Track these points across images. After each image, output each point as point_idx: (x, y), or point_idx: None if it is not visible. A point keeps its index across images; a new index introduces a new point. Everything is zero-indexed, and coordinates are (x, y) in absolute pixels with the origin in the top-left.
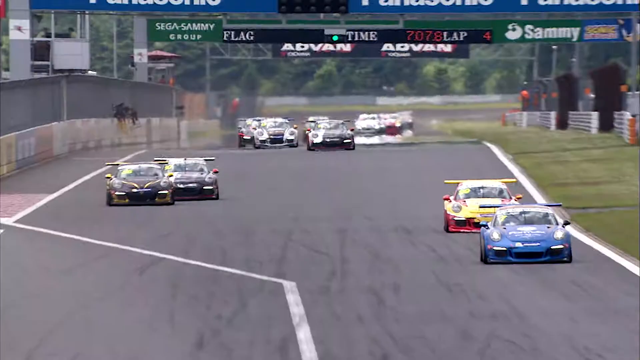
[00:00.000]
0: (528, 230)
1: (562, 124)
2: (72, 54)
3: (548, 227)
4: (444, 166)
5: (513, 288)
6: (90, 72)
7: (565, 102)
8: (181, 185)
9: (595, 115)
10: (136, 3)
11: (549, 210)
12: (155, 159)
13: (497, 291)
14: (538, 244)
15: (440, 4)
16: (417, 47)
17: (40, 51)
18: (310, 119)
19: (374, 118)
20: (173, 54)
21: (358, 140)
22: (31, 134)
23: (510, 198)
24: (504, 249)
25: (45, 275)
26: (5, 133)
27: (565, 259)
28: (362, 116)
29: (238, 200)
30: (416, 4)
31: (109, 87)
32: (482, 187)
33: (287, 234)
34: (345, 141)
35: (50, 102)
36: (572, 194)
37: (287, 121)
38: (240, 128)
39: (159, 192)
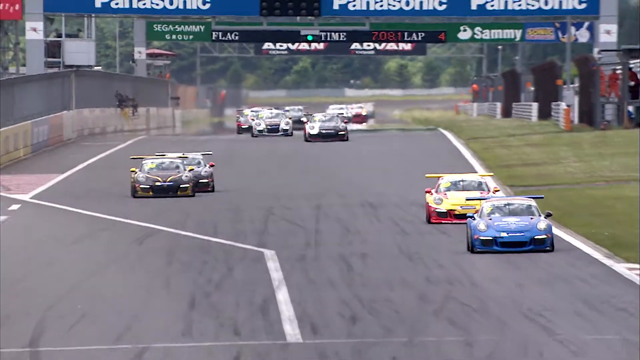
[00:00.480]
0: (513, 221)
1: (506, 113)
2: (80, 51)
3: (531, 218)
4: (407, 150)
5: (468, 258)
6: (95, 67)
7: (510, 94)
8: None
9: (535, 105)
10: (136, 7)
11: (532, 202)
12: (157, 153)
13: (453, 260)
14: (522, 234)
15: (401, 8)
16: (380, 46)
17: (52, 49)
18: (287, 108)
19: (342, 108)
20: (169, 52)
21: None
22: (44, 122)
23: (489, 191)
24: (490, 238)
25: (56, 245)
26: (22, 121)
27: (547, 248)
28: (331, 106)
29: (228, 180)
30: (380, 8)
31: (113, 81)
32: (462, 181)
33: (269, 210)
34: (339, 133)
35: (60, 93)
36: (515, 174)
37: (282, 112)
38: (239, 118)
39: (181, 185)
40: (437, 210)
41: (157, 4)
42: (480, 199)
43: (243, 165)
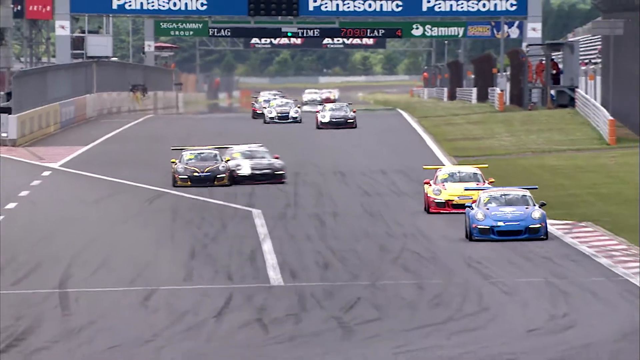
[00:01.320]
0: (509, 211)
1: (451, 96)
2: (99, 45)
3: (526, 208)
4: (370, 126)
5: (422, 217)
6: (112, 58)
7: (454, 81)
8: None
9: (474, 90)
10: (146, 8)
11: (527, 193)
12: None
13: (409, 219)
14: (518, 223)
15: (365, 9)
16: (348, 41)
17: (77, 43)
18: (262, 93)
19: (315, 92)
20: (173, 45)
21: (305, 108)
22: (71, 103)
23: (484, 181)
24: (488, 227)
25: (80, 205)
26: (53, 102)
27: (542, 236)
28: (307, 91)
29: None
30: (348, 9)
31: (126, 69)
32: (459, 172)
33: None
34: (349, 121)
35: (84, 80)
36: (459, 146)
37: (292, 101)
38: (254, 104)
39: (218, 175)
40: (435, 200)
41: (163, 6)
42: (477, 189)
43: (234, 140)
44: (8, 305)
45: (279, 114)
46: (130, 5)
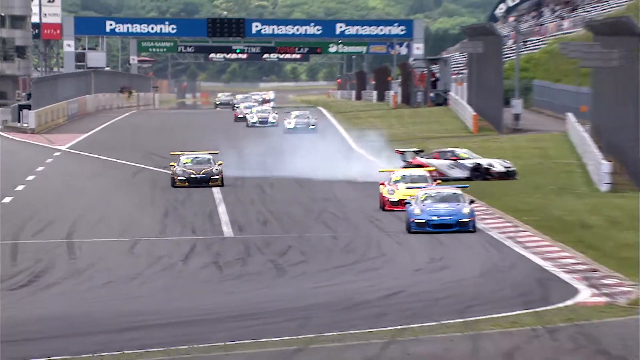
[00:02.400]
0: (442, 207)
1: (358, 97)
2: (96, 58)
3: (458, 204)
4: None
5: (338, 185)
6: (106, 68)
7: (360, 85)
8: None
9: (375, 93)
10: (131, 31)
11: (459, 191)
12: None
13: (329, 187)
14: (450, 217)
15: (293, 33)
16: (281, 56)
17: (79, 57)
18: (219, 95)
19: (257, 95)
20: (151, 59)
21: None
22: (75, 101)
23: (433, 182)
24: (424, 221)
25: (82, 177)
26: (61, 100)
27: (470, 229)
28: (251, 94)
29: (189, 138)
30: (281, 32)
31: (116, 76)
32: (410, 175)
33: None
34: (311, 127)
35: (84, 84)
36: (364, 134)
37: (271, 108)
38: (236, 109)
39: (212, 177)
40: (390, 199)
41: (143, 29)
42: (419, 188)
43: (198, 130)
44: (29, 251)
45: (260, 119)
46: (119, 29)
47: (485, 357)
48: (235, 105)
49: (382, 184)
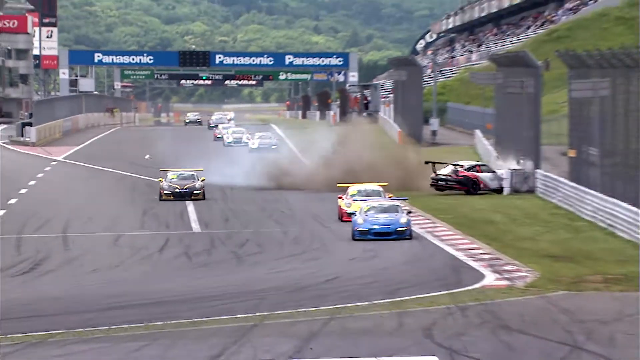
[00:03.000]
0: (382, 217)
1: (304, 116)
2: (86, 84)
3: (396, 214)
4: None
5: (291, 193)
6: (94, 92)
7: (306, 106)
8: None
9: (317, 113)
10: (115, 62)
11: (398, 203)
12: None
13: (277, 192)
14: (389, 226)
15: (250, 63)
16: (240, 82)
17: (72, 83)
18: (188, 114)
19: (220, 115)
20: (132, 84)
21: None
22: (69, 119)
23: (385, 196)
24: (366, 229)
25: (75, 181)
26: (57, 119)
27: (407, 237)
28: (215, 113)
29: (166, 150)
30: (240, 62)
31: (103, 99)
32: (365, 190)
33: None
34: (272, 147)
35: (77, 105)
36: (309, 146)
37: (244, 130)
38: (214, 129)
39: (194, 191)
40: (347, 211)
41: (125, 60)
42: (364, 200)
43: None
44: (30, 244)
45: (235, 139)
46: (105, 60)
47: (408, 330)
48: (212, 125)
49: (340, 197)
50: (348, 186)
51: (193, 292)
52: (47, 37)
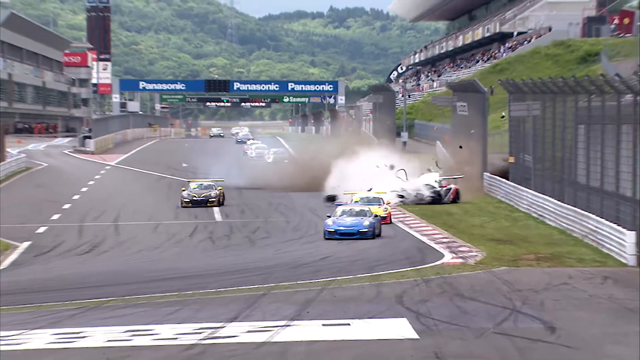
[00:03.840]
0: (349, 220)
1: (302, 130)
2: (133, 106)
3: (362, 218)
4: (267, 142)
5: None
6: (139, 112)
7: (304, 123)
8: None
9: (313, 128)
10: (156, 89)
11: (367, 208)
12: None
13: (282, 191)
14: (352, 228)
15: (260, 89)
16: (253, 104)
17: (122, 105)
18: (212, 129)
19: (237, 128)
20: (168, 106)
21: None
22: (119, 133)
23: (384, 203)
24: (333, 230)
25: (123, 182)
26: (110, 133)
27: (369, 237)
28: (233, 128)
29: (191, 156)
30: (253, 89)
31: (146, 117)
32: (367, 197)
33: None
34: (285, 161)
35: (126, 122)
36: (308, 157)
37: (266, 146)
38: (242, 143)
39: (210, 199)
40: None
41: (163, 87)
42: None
43: (196, 149)
44: (89, 230)
45: (257, 155)
46: (147, 87)
47: (384, 298)
48: (239, 140)
49: (345, 202)
50: (353, 194)
51: (216, 268)
52: (103, 69)
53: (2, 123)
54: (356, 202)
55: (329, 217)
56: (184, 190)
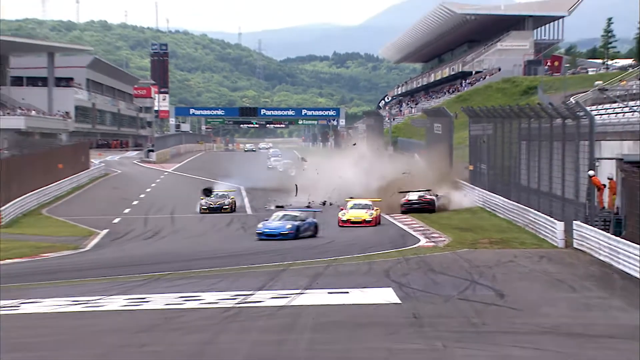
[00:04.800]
0: (275, 224)
1: (313, 145)
2: (185, 127)
3: (287, 222)
4: (282, 152)
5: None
6: (190, 131)
7: (313, 139)
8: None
9: (321, 143)
10: (202, 114)
11: (298, 214)
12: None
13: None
14: (274, 230)
15: (281, 114)
16: (275, 125)
17: (177, 126)
18: (246, 145)
19: (263, 144)
20: (211, 127)
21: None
22: (174, 147)
23: (373, 209)
24: (261, 232)
25: (177, 185)
26: (168, 147)
27: (291, 238)
28: (260, 144)
29: (222, 163)
30: (276, 114)
31: (195, 135)
32: (360, 203)
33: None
34: (291, 174)
35: (180, 139)
36: (315, 166)
37: (292, 162)
38: (260, 146)
39: (224, 207)
40: (342, 219)
41: (208, 113)
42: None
43: (233, 161)
44: (152, 221)
45: (274, 165)
46: (196, 113)
47: (375, 272)
48: (270, 156)
49: (342, 208)
50: (348, 200)
51: (247, 250)
52: (163, 99)
53: (87, 140)
54: (350, 207)
55: (266, 220)
56: (202, 199)
